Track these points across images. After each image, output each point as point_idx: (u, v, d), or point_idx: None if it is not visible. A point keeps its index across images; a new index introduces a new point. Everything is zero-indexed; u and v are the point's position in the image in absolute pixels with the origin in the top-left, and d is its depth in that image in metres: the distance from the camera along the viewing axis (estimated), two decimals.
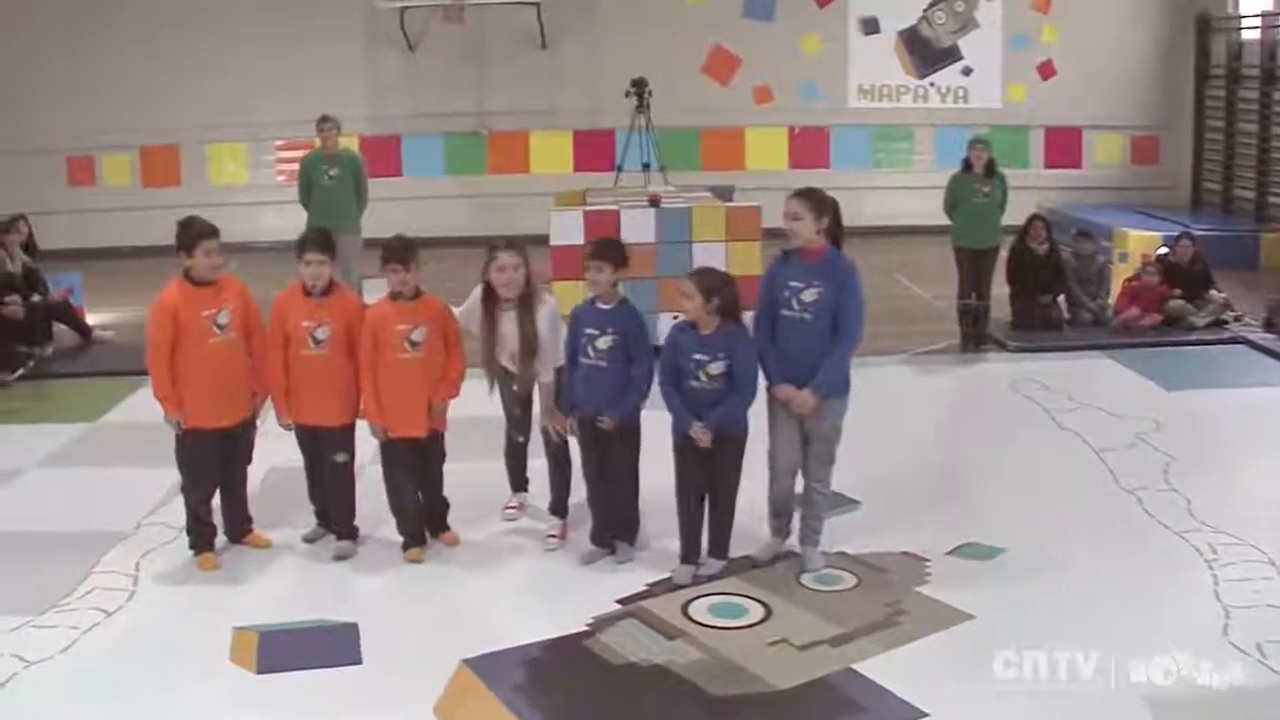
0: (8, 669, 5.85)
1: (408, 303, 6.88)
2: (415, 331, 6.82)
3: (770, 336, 6.62)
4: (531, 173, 18.84)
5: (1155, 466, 8.50)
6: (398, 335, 6.79)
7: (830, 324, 6.52)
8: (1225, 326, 12.53)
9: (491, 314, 6.99)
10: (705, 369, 6.52)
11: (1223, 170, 18.41)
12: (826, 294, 6.49)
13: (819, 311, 6.50)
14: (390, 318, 6.82)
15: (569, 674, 5.74)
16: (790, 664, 5.75)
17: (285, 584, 6.84)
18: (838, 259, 6.58)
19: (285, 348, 6.93)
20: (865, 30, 19.05)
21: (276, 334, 6.95)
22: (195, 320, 6.74)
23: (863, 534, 7.32)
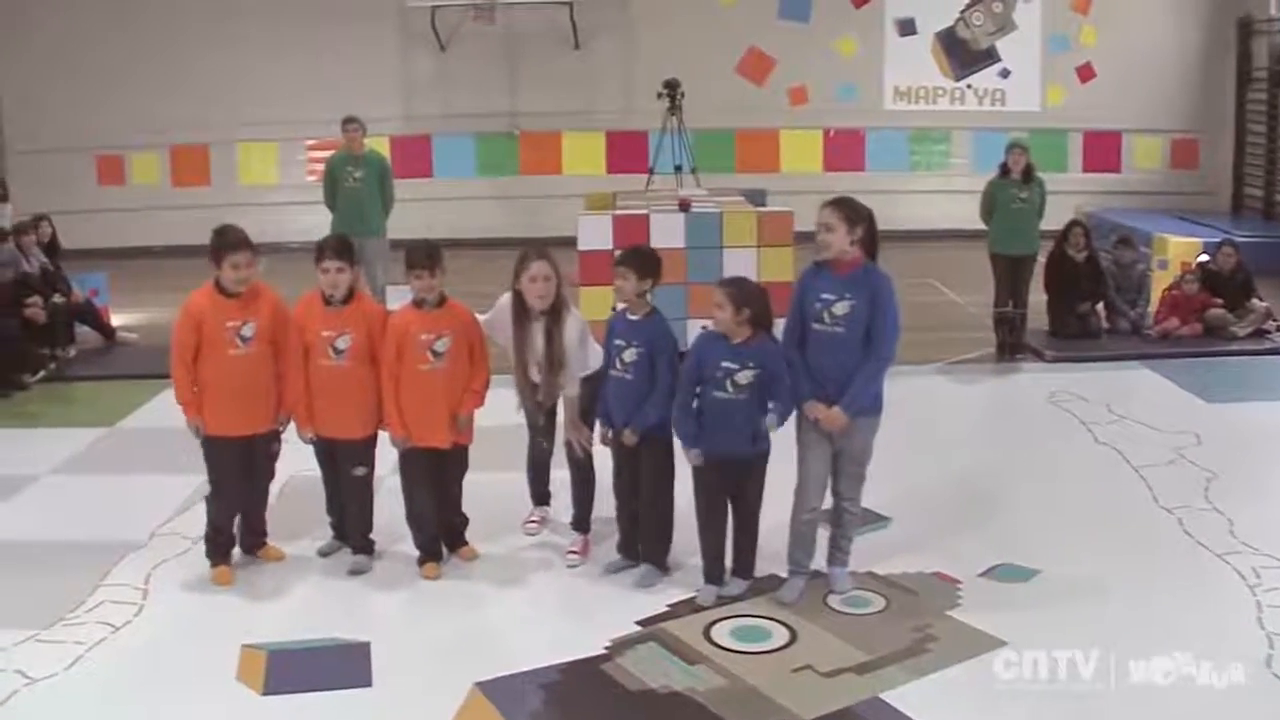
0: (9, 685, 5.69)
1: (432, 310, 6.67)
2: (439, 341, 6.62)
3: (800, 350, 6.38)
4: (564, 174, 18.66)
5: (1196, 484, 8.23)
6: (421, 345, 6.59)
7: (863, 339, 6.27)
8: (1267, 337, 12.23)
9: (521, 324, 6.77)
10: (733, 378, 6.29)
11: (1265, 175, 18.07)
12: (859, 308, 6.24)
13: (851, 325, 6.24)
14: (414, 326, 6.62)
15: (585, 700, 5.53)
16: (815, 693, 5.52)
17: (297, 599, 6.65)
18: (872, 272, 6.32)
19: (305, 358, 6.72)
20: (902, 31, 18.79)
21: (297, 345, 6.74)
22: (219, 330, 6.59)
23: (892, 553, 7.08)
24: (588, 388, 6.90)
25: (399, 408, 6.65)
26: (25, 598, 6.62)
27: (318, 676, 5.74)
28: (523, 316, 6.80)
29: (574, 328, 6.80)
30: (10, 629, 6.21)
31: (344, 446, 6.83)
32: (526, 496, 7.60)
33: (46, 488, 8.55)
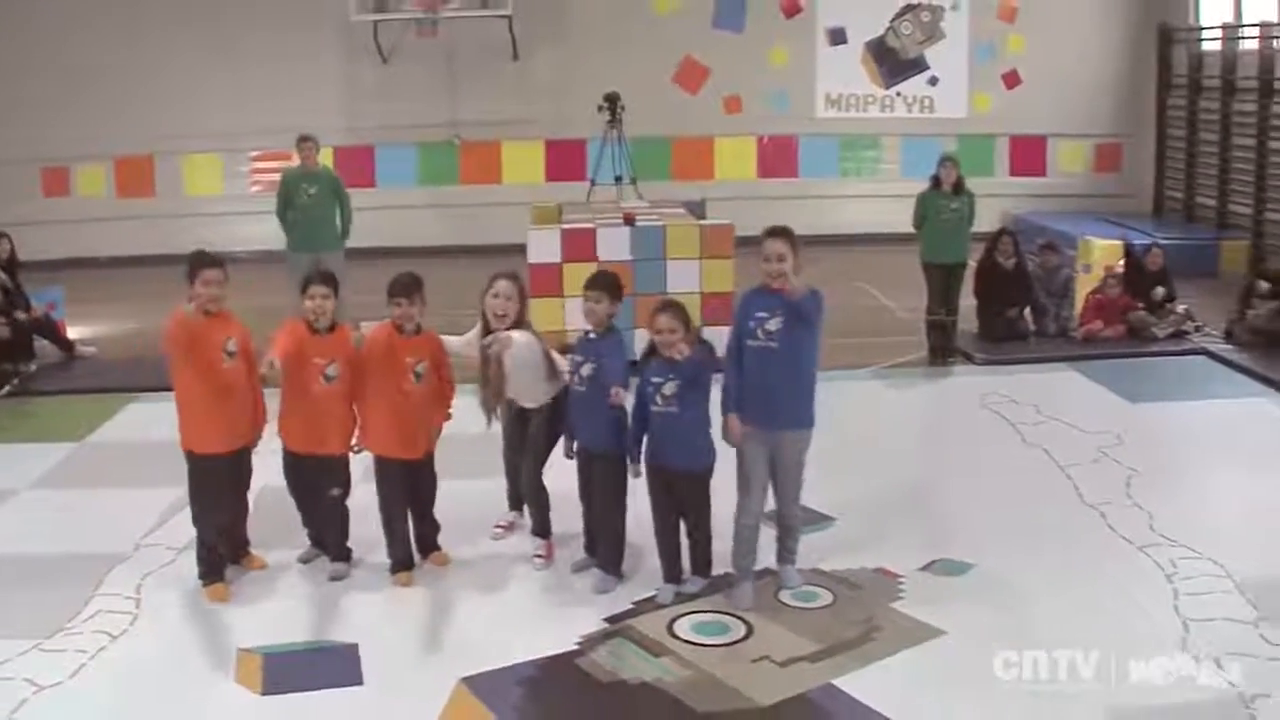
0: (19, 694, 6.11)
1: (412, 336, 7.19)
2: (419, 365, 7.17)
3: (739, 366, 6.92)
4: (503, 183, 19.28)
5: (1118, 481, 8.92)
6: (405, 368, 7.13)
7: (793, 356, 6.81)
8: (1186, 337, 12.95)
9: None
10: (661, 391, 6.83)
11: (1185, 178, 18.89)
12: (788, 323, 6.77)
13: (782, 340, 6.78)
14: (399, 351, 7.14)
15: (563, 692, 6.07)
16: (772, 680, 6.10)
17: (284, 606, 7.11)
18: (805, 297, 6.76)
19: (292, 384, 7.21)
20: (832, 41, 19.35)
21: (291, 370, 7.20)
22: (210, 344, 7.01)
23: (837, 551, 7.67)
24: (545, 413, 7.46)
25: (381, 425, 7.15)
26: (23, 610, 7.04)
27: (312, 676, 6.23)
28: (488, 334, 7.32)
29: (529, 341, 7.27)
30: (13, 639, 6.63)
31: (320, 463, 7.31)
32: (491, 503, 8.12)
33: (27, 502, 8.96)
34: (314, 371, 7.20)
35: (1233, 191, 17.64)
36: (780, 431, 6.88)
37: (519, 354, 7.16)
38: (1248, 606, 6.81)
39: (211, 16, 18.23)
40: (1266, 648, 6.33)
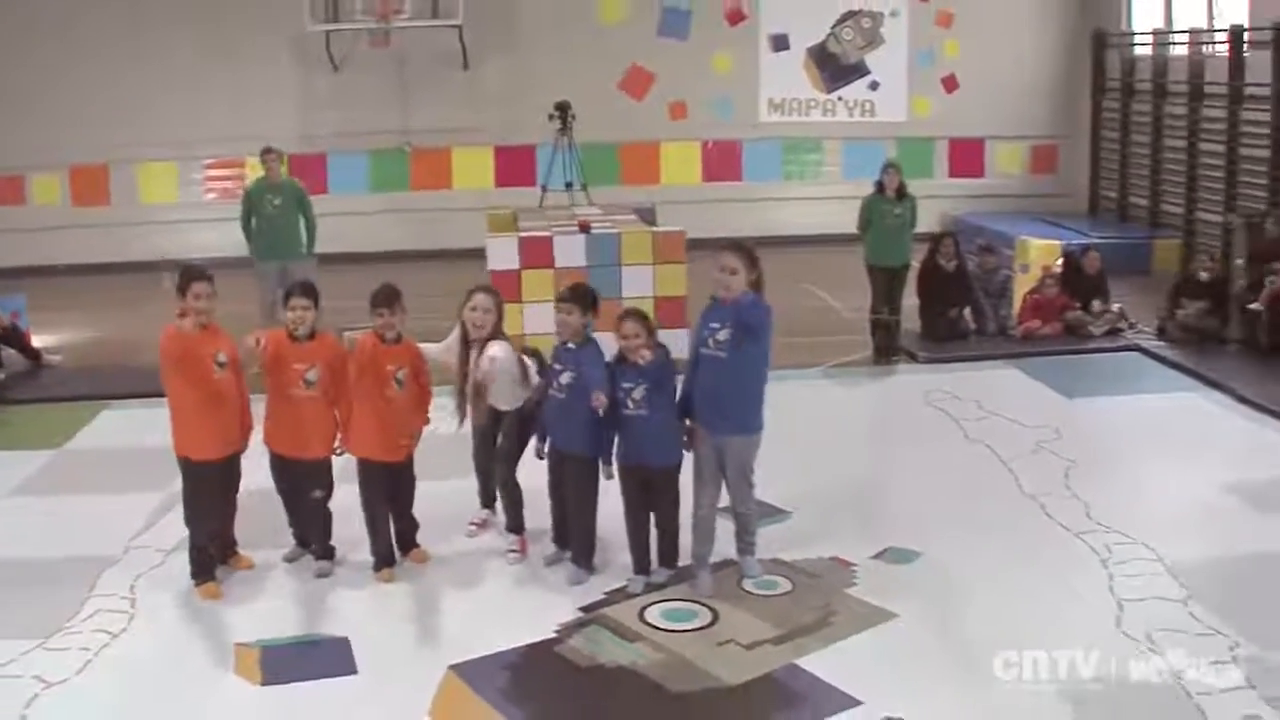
0: (29, 690, 6.49)
1: (393, 345, 7.65)
2: (400, 372, 7.63)
3: (694, 373, 7.45)
4: (454, 188, 19.67)
5: (1056, 472, 9.51)
6: (387, 375, 7.59)
7: (740, 364, 7.29)
8: (1121, 335, 13.61)
9: (464, 349, 7.78)
10: (631, 396, 7.35)
11: (1119, 179, 19.61)
12: (737, 334, 7.24)
13: (729, 351, 7.27)
14: (381, 359, 7.59)
15: (546, 676, 6.56)
16: (739, 662, 6.61)
17: (274, 603, 7.54)
18: (753, 304, 7.24)
19: (275, 389, 7.65)
20: (775, 47, 19.87)
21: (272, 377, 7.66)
22: (202, 356, 7.42)
23: (794, 542, 8.20)
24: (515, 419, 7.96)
25: (363, 429, 7.61)
26: (22, 611, 7.41)
27: (308, 667, 6.67)
28: (466, 343, 7.83)
29: (505, 351, 7.77)
30: (16, 639, 7.00)
31: (303, 466, 7.75)
32: (464, 502, 8.58)
33: (11, 509, 9.29)
34: (294, 377, 7.64)
35: (1165, 192, 18.36)
36: (727, 437, 7.40)
37: (499, 369, 7.66)
38: (1178, 587, 7.40)
39: (165, 27, 18.52)
40: (1195, 624, 6.92)
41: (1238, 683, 6.27)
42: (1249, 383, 11.60)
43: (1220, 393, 11.56)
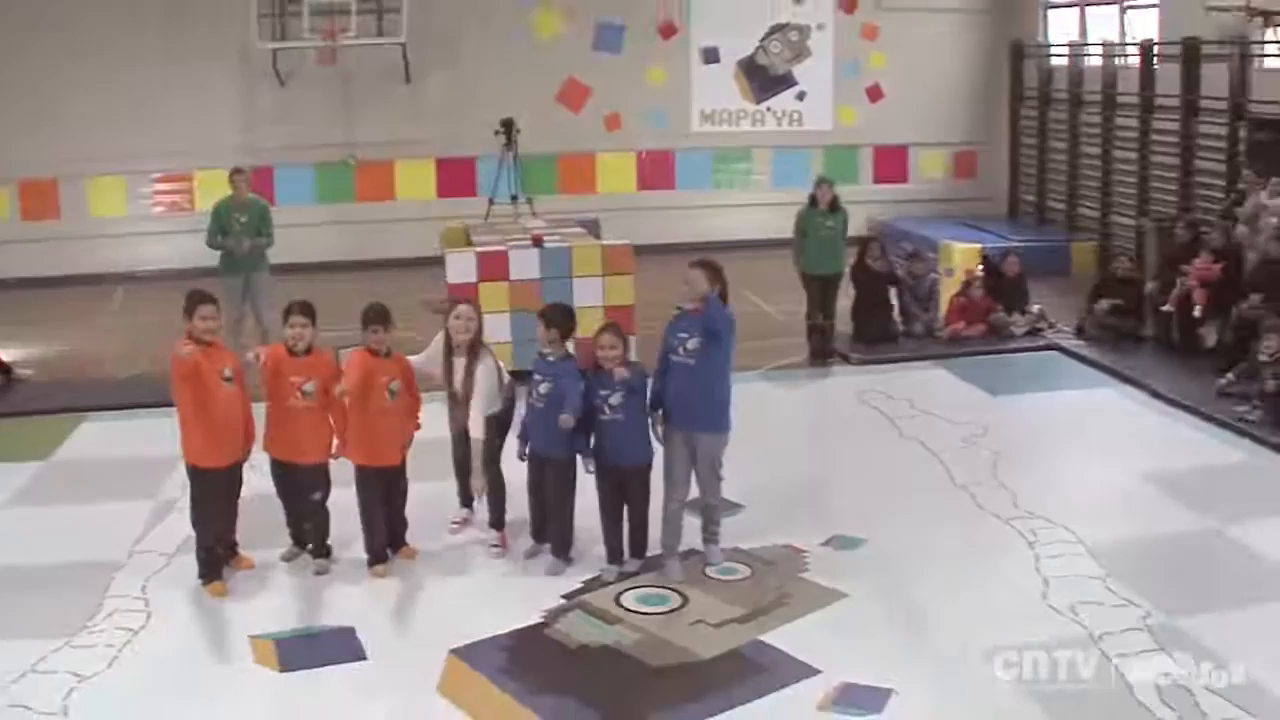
0: (66, 684, 7.14)
1: (385, 359, 8.44)
2: (393, 383, 8.42)
3: (665, 377, 8.34)
4: (397, 199, 20.38)
5: (985, 465, 10.48)
6: (380, 386, 8.37)
7: (709, 368, 8.22)
8: (1041, 335, 14.62)
9: (448, 356, 8.67)
10: (608, 403, 8.20)
11: (1037, 183, 20.74)
12: (705, 341, 8.17)
13: (699, 358, 8.19)
14: (375, 373, 8.38)
15: (538, 656, 7.36)
16: (709, 639, 7.47)
17: (278, 598, 8.27)
18: (719, 309, 8.16)
19: (274, 400, 8.39)
20: (706, 60, 20.80)
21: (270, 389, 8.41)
22: (209, 372, 8.11)
23: (749, 532, 9.06)
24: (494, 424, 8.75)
25: (359, 437, 8.38)
26: (44, 613, 8.05)
27: (321, 655, 7.42)
28: (449, 350, 8.69)
29: (488, 370, 8.63)
30: (43, 639, 7.65)
31: (302, 471, 8.50)
32: (444, 503, 9.36)
33: (12, 519, 9.91)
34: (292, 389, 8.38)
35: (1081, 196, 19.51)
36: (698, 434, 8.28)
37: (484, 381, 8.49)
38: (1096, 566, 8.37)
39: (113, 42, 19.00)
40: (1111, 597, 7.88)
41: (1149, 646, 7.24)
42: (1162, 379, 12.64)
43: (1135, 389, 12.60)
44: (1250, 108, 15.48)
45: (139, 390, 13.19)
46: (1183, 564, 8.57)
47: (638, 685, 7.02)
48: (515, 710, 6.74)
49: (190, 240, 19.18)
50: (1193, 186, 16.60)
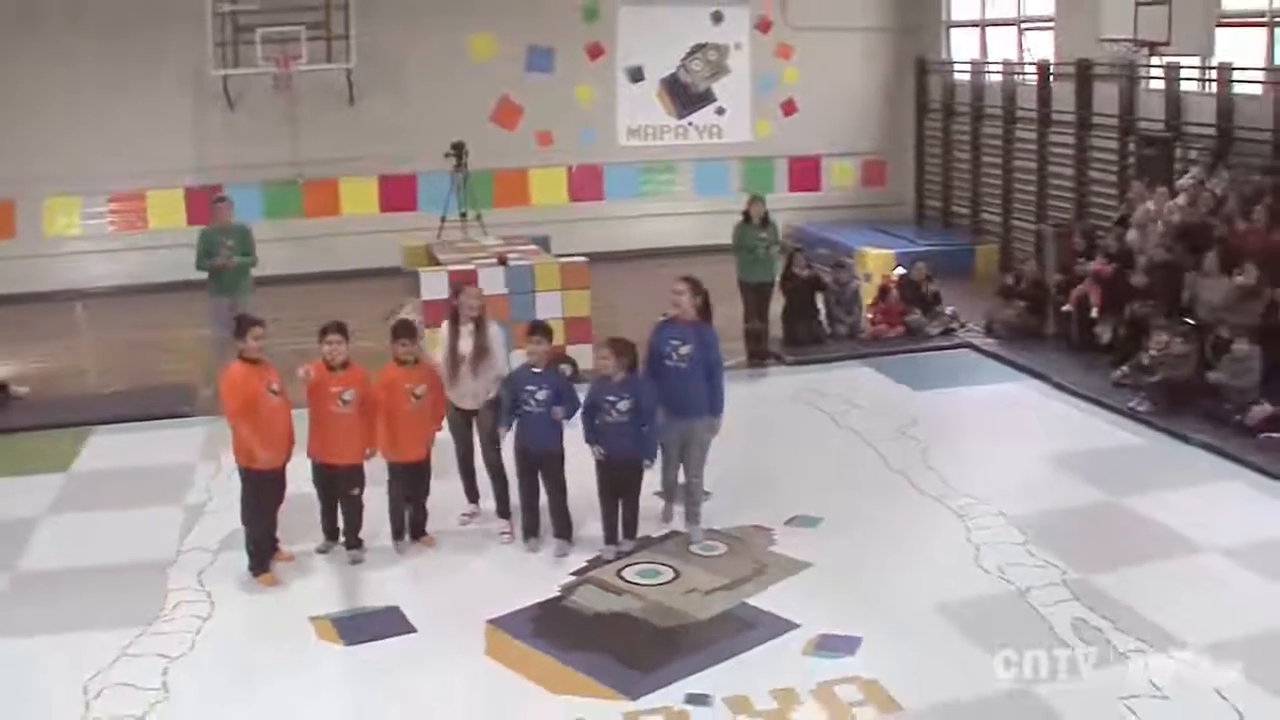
0: (158, 664, 8.39)
1: (412, 368, 9.90)
2: (419, 388, 9.87)
3: (655, 379, 9.92)
4: (342, 214, 21.64)
5: (915, 452, 12.14)
6: (406, 392, 9.84)
7: (699, 369, 9.85)
8: (954, 334, 16.34)
9: (455, 331, 10.22)
10: (615, 407, 9.70)
11: (942, 190, 22.57)
12: (697, 347, 9.82)
13: (691, 361, 9.83)
14: (401, 380, 9.85)
15: (563, 623, 8.84)
16: (703, 603, 9.01)
17: (323, 584, 9.62)
18: (704, 327, 9.96)
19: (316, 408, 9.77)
20: (631, 79, 22.53)
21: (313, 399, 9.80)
22: (257, 389, 9.44)
23: (720, 515, 10.59)
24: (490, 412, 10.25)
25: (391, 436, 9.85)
26: (117, 606, 9.26)
27: (377, 629, 8.79)
28: (456, 326, 10.26)
29: (497, 330, 10.28)
30: (124, 628, 8.86)
31: (344, 471, 9.88)
32: (452, 500, 10.75)
33: (57, 525, 11.05)
34: (332, 399, 9.75)
35: (984, 202, 21.38)
36: (693, 419, 9.96)
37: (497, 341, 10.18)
38: (1018, 533, 10.06)
39: (67, 68, 19.98)
40: (1031, 559, 9.58)
41: (1067, 597, 8.92)
42: (1063, 373, 14.44)
43: (1041, 382, 14.41)
44: (1138, 124, 17.36)
45: (132, 404, 14.42)
46: (1089, 531, 10.26)
47: (652, 642, 8.53)
48: (556, 668, 8.19)
49: (143, 257, 20.84)
50: (1087, 195, 18.50)
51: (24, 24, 19.83)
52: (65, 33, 19.98)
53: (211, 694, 8.11)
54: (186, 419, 13.95)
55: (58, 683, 8.20)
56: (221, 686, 8.21)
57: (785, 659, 8.22)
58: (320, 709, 7.92)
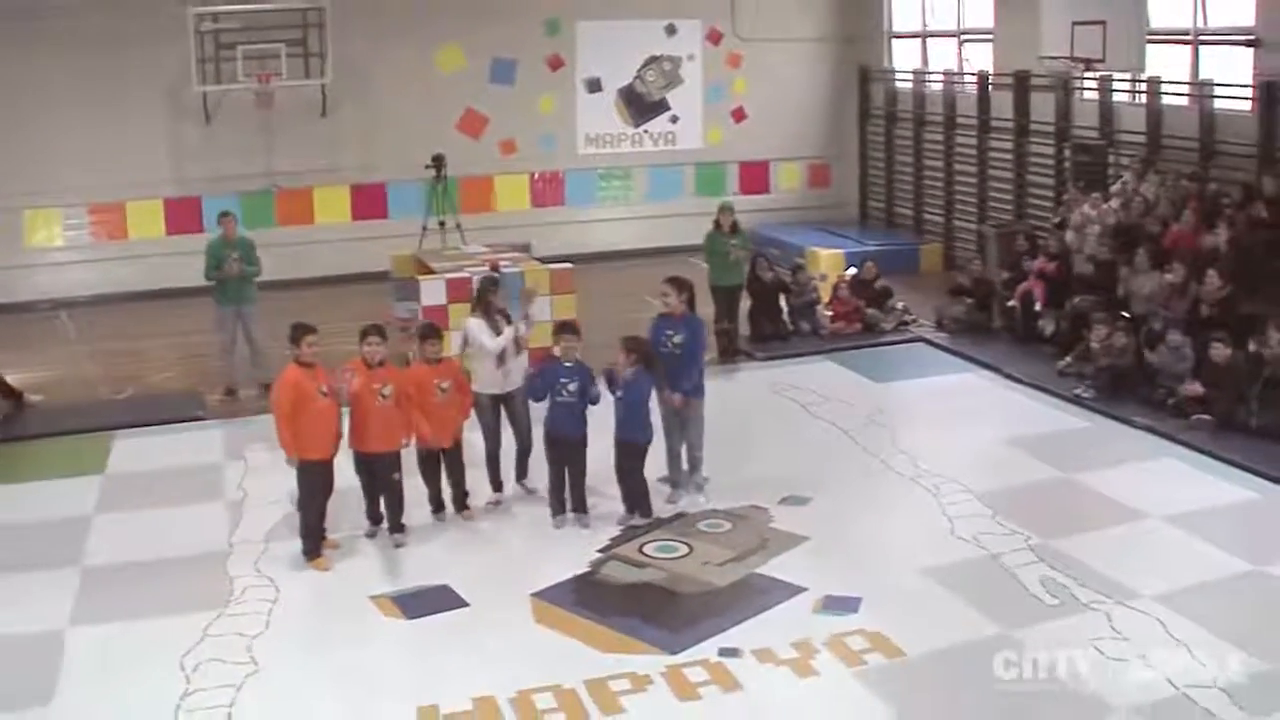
0: (240, 642, 9.48)
1: (437, 365, 11.28)
2: (444, 383, 11.24)
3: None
4: (316, 223, 22.68)
5: (886, 437, 13.61)
6: (434, 387, 11.19)
7: (691, 357, 11.52)
8: (907, 329, 17.83)
9: (491, 320, 11.79)
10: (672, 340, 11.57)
11: (885, 192, 24.12)
12: (687, 337, 11.43)
13: (683, 350, 11.45)
14: (430, 376, 11.22)
15: (598, 593, 10.16)
16: (720, 573, 10.37)
17: (374, 567, 10.81)
18: (693, 318, 11.71)
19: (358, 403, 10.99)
20: (590, 89, 23.91)
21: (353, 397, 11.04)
22: (309, 390, 10.66)
23: (720, 497, 11.97)
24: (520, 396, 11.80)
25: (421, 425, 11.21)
26: (186, 594, 10.25)
27: (434, 604, 10.01)
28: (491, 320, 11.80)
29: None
30: (201, 611, 9.91)
31: (386, 458, 11.07)
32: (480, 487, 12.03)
33: (108, 523, 12.00)
34: (374, 394, 10.99)
35: (926, 203, 22.93)
36: (689, 398, 11.61)
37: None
38: (985, 507, 11.54)
39: (46, 84, 20.79)
40: (1001, 529, 11.05)
41: (1033, 560, 10.41)
42: (1011, 363, 16.01)
43: (991, 372, 15.96)
44: (1073, 132, 18.96)
45: (145, 410, 15.39)
46: (1048, 503, 11.75)
47: (679, 607, 9.88)
48: (601, 631, 9.51)
49: (122, 266, 21.70)
50: (1025, 198, 20.06)
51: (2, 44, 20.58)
52: (41, 53, 20.72)
53: (295, 664, 9.25)
54: (201, 422, 14.99)
55: (153, 662, 9.24)
56: (302, 658, 9.36)
57: (798, 617, 9.61)
58: (399, 672, 9.12)
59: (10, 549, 11.42)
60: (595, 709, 8.40)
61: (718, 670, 8.81)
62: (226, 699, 8.73)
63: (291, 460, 10.85)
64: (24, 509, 12.42)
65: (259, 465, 13.09)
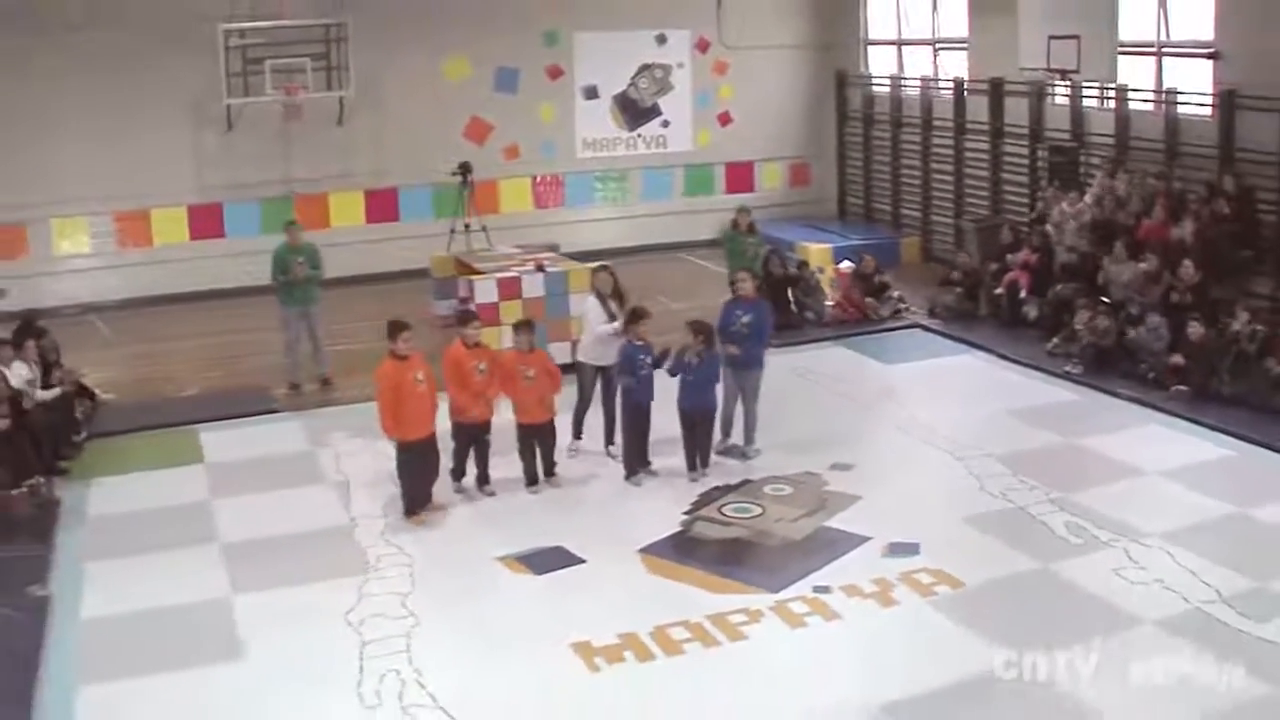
0: (395, 599, 10.99)
1: (526, 354, 13.31)
2: (530, 370, 13.26)
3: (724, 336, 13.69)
4: (332, 227, 24.23)
5: (905, 411, 15.76)
6: (519, 373, 13.21)
7: (758, 335, 13.68)
8: (903, 316, 20.01)
9: (604, 303, 14.03)
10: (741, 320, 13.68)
11: (863, 189, 26.29)
12: (754, 318, 13.63)
13: (751, 328, 13.67)
14: (517, 362, 13.24)
15: (696, 547, 12.12)
16: (794, 528, 12.40)
17: (490, 533, 12.54)
18: (761, 302, 13.98)
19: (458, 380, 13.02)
20: (587, 96, 25.93)
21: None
22: (406, 379, 12.52)
23: (775, 467, 13.96)
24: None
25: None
26: (328, 562, 11.75)
27: (556, 562, 11.81)
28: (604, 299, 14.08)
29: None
30: (349, 576, 11.38)
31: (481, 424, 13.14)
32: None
33: (228, 506, 13.40)
34: (472, 371, 12.99)
35: (904, 199, 25.10)
36: (749, 370, 13.78)
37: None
38: (1005, 467, 13.69)
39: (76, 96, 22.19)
40: (1022, 485, 13.19)
41: (1055, 510, 12.56)
42: (1002, 345, 18.26)
43: (985, 353, 18.19)
44: (1046, 134, 21.19)
45: (219, 405, 16.87)
46: (1057, 463, 13.89)
47: (768, 556, 11.90)
48: (709, 578, 11.42)
49: (148, 271, 23.16)
50: (1001, 195, 22.26)
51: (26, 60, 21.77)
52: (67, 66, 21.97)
53: (450, 616, 10.82)
54: (275, 415, 16.57)
55: (323, 620, 10.66)
56: (454, 610, 10.94)
57: (871, 560, 11.68)
58: (544, 618, 10.75)
59: (146, 532, 12.75)
60: (724, 636, 10.39)
61: (816, 603, 10.86)
62: (401, 645, 10.28)
63: (393, 439, 12.80)
64: (140, 497, 13.72)
65: (349, 450, 14.84)
